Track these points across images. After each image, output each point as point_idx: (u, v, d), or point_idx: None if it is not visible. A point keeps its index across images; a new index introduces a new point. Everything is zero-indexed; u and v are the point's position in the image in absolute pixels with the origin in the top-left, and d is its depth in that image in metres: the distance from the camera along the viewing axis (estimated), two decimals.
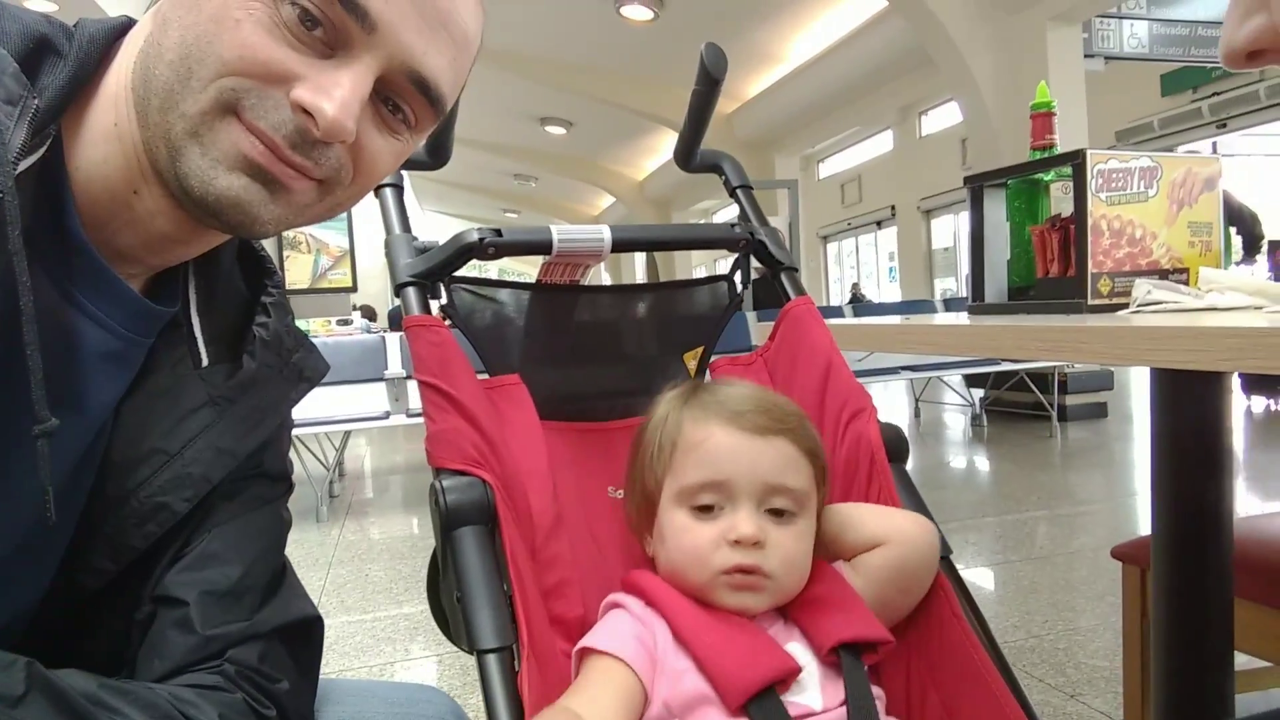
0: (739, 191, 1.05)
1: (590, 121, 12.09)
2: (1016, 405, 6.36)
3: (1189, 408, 1.00)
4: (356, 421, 4.30)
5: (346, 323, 6.99)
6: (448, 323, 0.84)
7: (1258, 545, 1.27)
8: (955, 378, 6.60)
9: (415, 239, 0.87)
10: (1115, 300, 1.14)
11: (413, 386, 4.50)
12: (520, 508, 0.76)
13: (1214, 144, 9.36)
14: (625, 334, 0.97)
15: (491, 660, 0.63)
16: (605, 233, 0.86)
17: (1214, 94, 8.87)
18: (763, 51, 9.14)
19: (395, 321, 7.76)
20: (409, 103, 0.59)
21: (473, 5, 0.60)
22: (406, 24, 0.55)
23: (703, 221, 15.43)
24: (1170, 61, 7.44)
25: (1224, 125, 8.94)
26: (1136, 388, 7.34)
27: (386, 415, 4.33)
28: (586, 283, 0.94)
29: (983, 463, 5.22)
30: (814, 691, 0.70)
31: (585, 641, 0.71)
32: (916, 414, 7.22)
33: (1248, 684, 1.52)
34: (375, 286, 11.50)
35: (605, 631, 0.72)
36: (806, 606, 0.75)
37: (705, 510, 0.74)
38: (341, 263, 7.94)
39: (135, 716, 0.51)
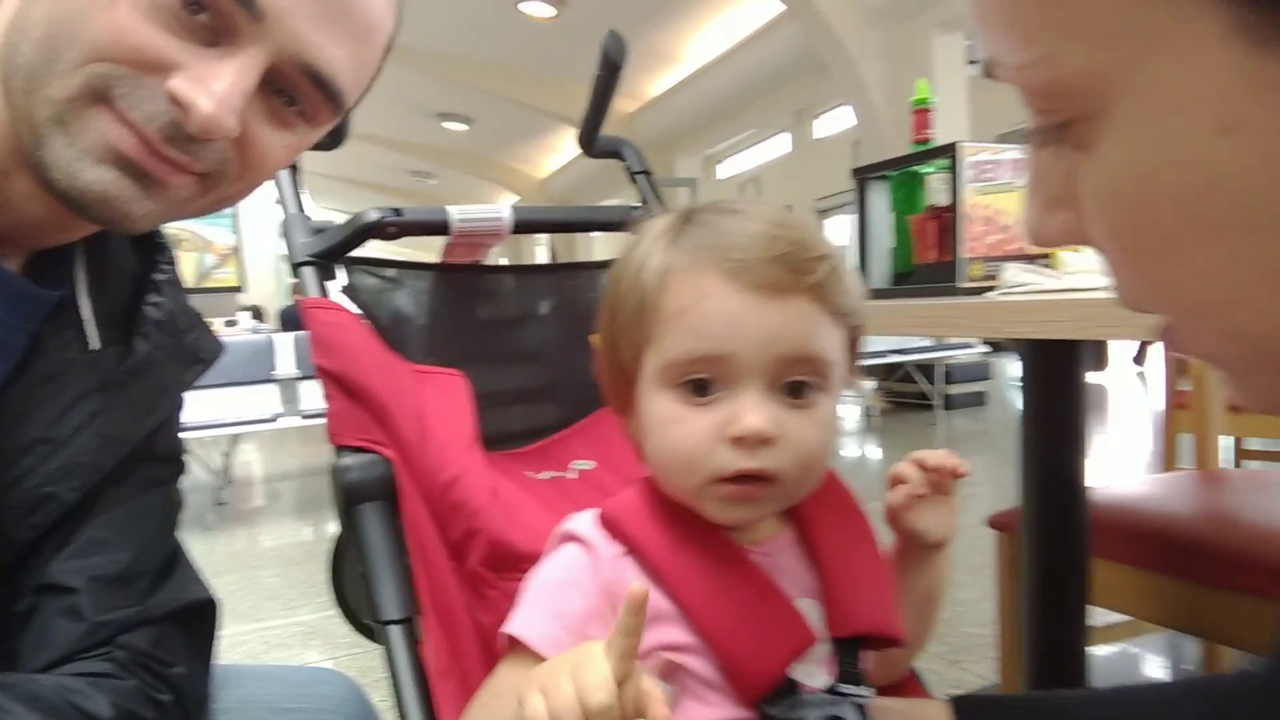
0: (639, 177, 1.08)
1: (490, 118, 11.96)
2: (905, 395, 6.66)
3: (1049, 379, 1.09)
4: (245, 425, 4.14)
5: (233, 324, 6.72)
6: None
7: (1113, 507, 1.38)
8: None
9: (310, 219, 0.87)
10: (986, 283, 1.23)
11: (305, 387, 4.37)
12: (427, 478, 0.76)
13: None
14: (529, 314, 0.98)
15: (395, 631, 0.64)
16: (505, 212, 0.88)
17: None
18: (662, 52, 9.25)
19: (288, 321, 7.50)
20: (303, 96, 0.56)
21: None
22: (299, 14, 0.52)
23: (625, 257, 15.45)
24: None
25: None
26: (1017, 385, 7.78)
27: (277, 417, 4.19)
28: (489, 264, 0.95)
29: (874, 451, 5.44)
30: (816, 667, 0.59)
31: (515, 628, 0.58)
32: None
33: (1105, 638, 1.66)
34: (264, 287, 11.06)
35: (544, 614, 0.58)
36: (841, 564, 0.62)
37: (699, 391, 0.57)
38: (228, 261, 7.64)
39: (17, 710, 0.49)
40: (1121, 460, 4.61)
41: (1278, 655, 0.61)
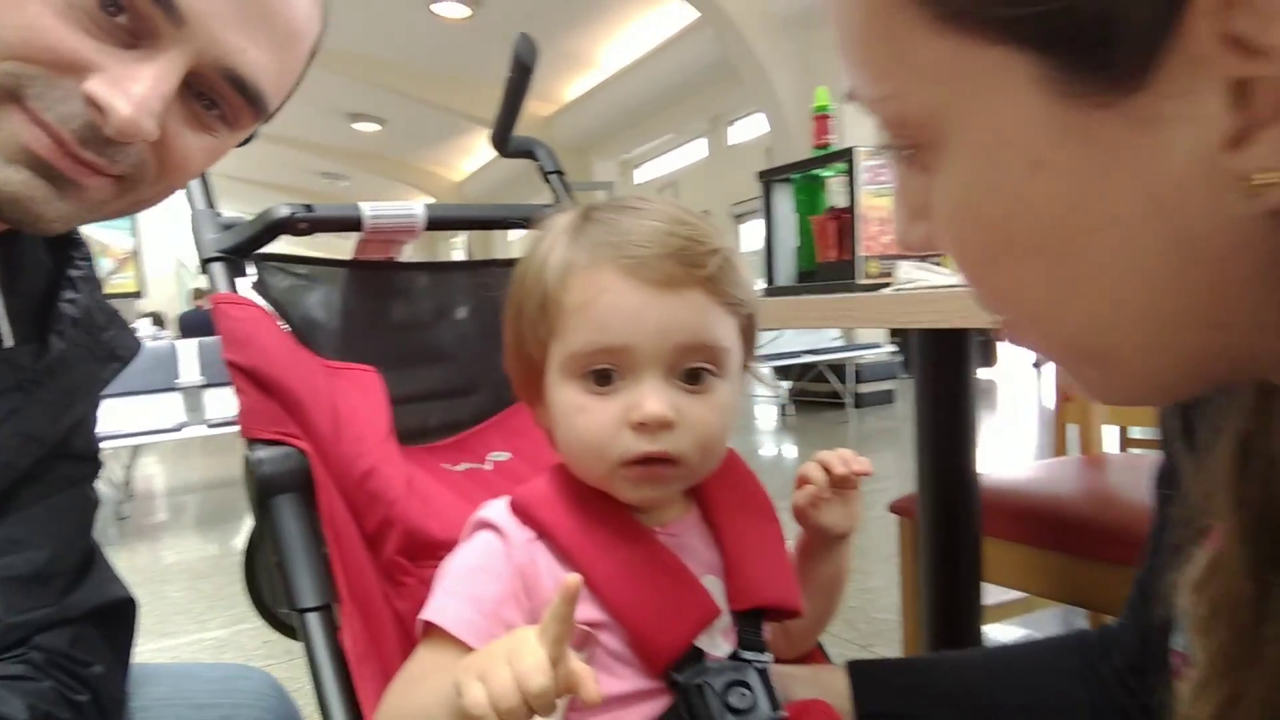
0: (552, 176, 1.10)
1: (403, 119, 11.75)
2: (818, 395, 6.84)
3: (940, 369, 1.16)
4: (147, 435, 3.98)
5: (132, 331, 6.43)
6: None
7: (1003, 490, 1.48)
8: (764, 370, 7.01)
9: (219, 215, 0.86)
10: (882, 280, 1.30)
11: (210, 395, 4.22)
12: (342, 470, 0.77)
13: None
14: (444, 311, 0.99)
15: (312, 619, 0.65)
16: (419, 209, 0.89)
17: None
18: (578, 56, 9.27)
19: (189, 327, 7.21)
20: (224, 100, 0.55)
21: (306, 1, 0.57)
22: (221, 18, 0.51)
23: (529, 256, 15.36)
24: None
25: None
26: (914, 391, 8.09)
27: (181, 427, 4.04)
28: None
29: (790, 449, 5.58)
30: (719, 638, 0.63)
31: (432, 614, 0.59)
32: None
33: (1000, 615, 1.76)
34: (164, 293, 10.61)
35: (460, 599, 0.60)
36: (740, 542, 0.66)
37: (602, 380, 0.60)
38: (126, 265, 7.31)
39: None
40: (1013, 448, 4.87)
41: (1131, 609, 0.68)
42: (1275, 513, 0.39)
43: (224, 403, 4.16)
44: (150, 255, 7.75)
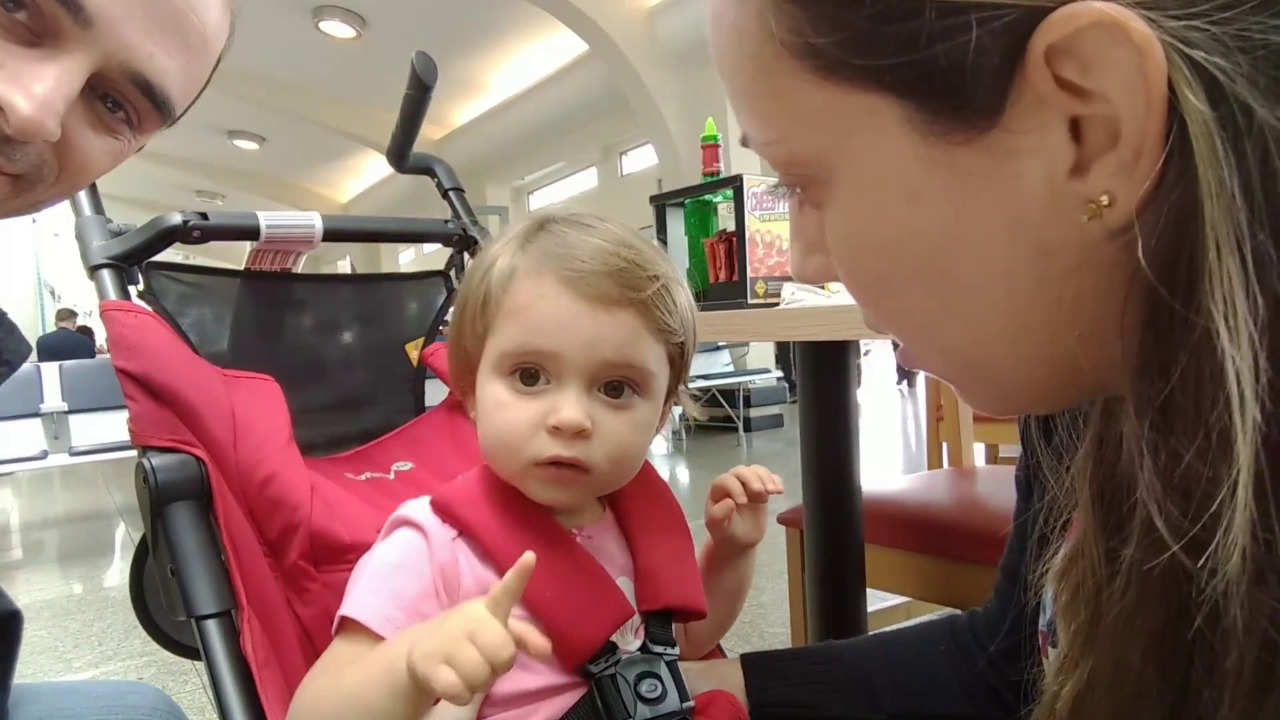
0: (451, 193, 1.11)
1: (286, 138, 11.40)
2: (710, 420, 6.98)
3: (825, 382, 1.23)
4: (6, 464, 3.70)
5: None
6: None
7: (883, 500, 1.57)
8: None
9: (110, 221, 0.84)
10: (769, 300, 1.37)
11: (76, 422, 3.96)
12: (242, 477, 0.76)
13: None
14: (341, 323, 0.99)
15: (211, 626, 0.64)
16: (316, 219, 0.89)
17: None
18: (468, 81, 9.24)
19: (48, 350, 6.73)
20: (130, 103, 0.55)
21: (216, 8, 0.57)
22: (130, 22, 0.51)
23: (413, 252, 15.12)
24: None
25: None
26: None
27: (45, 455, 3.77)
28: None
29: (684, 472, 5.66)
30: (630, 635, 0.67)
31: (351, 610, 0.60)
32: None
33: (883, 620, 1.85)
34: (21, 314, 9.88)
35: (380, 596, 0.60)
36: (650, 547, 0.70)
37: (528, 380, 0.63)
38: None
39: None
40: (882, 462, 5.11)
41: (998, 594, 0.74)
42: (1119, 501, 0.42)
43: (88, 430, 3.91)
44: (7, 275, 7.19)
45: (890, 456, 5.40)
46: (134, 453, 0.73)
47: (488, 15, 7.62)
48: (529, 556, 0.51)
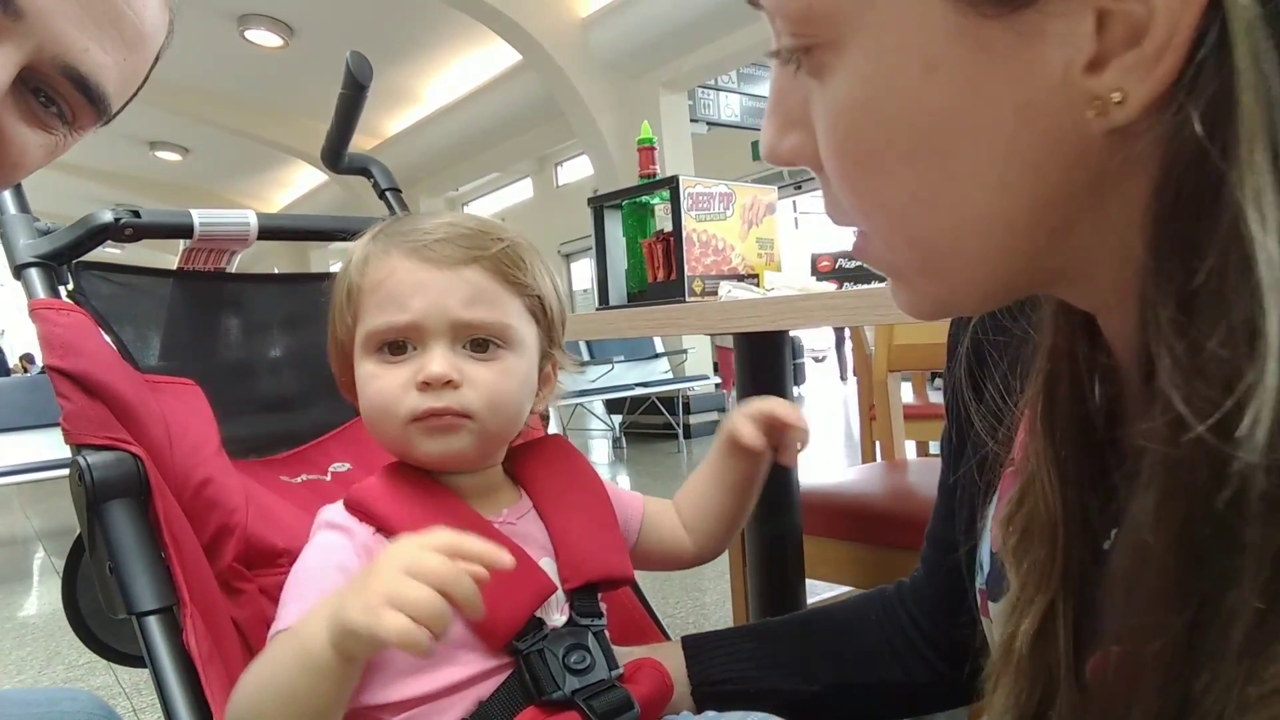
0: (389, 193, 1.12)
1: (210, 149, 11.08)
2: (650, 427, 7.01)
3: (761, 373, 1.27)
4: None
5: None
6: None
7: (819, 492, 1.61)
8: (598, 405, 7.10)
9: (37, 220, 0.82)
10: (708, 299, 1.40)
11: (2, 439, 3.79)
12: (178, 481, 0.75)
13: (794, 202, 11.20)
14: (277, 322, 0.99)
15: (152, 622, 0.64)
16: (251, 217, 0.89)
17: None
18: (400, 91, 9.13)
19: None
20: (64, 98, 0.53)
21: (155, 4, 0.56)
22: (63, 15, 0.50)
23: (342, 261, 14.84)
24: (757, 130, 8.79)
25: (799, 187, 10.73)
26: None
27: None
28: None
29: (624, 479, 5.67)
30: (555, 610, 0.68)
31: (286, 624, 0.59)
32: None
33: None
34: None
35: (308, 603, 0.59)
36: (567, 525, 0.71)
37: (397, 354, 0.66)
38: None
39: None
40: (822, 457, 5.21)
41: (924, 562, 0.78)
42: (1086, 433, 0.44)
43: (3, 451, 3.74)
44: None
45: (832, 454, 5.51)
46: (53, 474, 0.72)
47: (419, 25, 7.56)
48: (507, 557, 0.52)
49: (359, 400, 0.69)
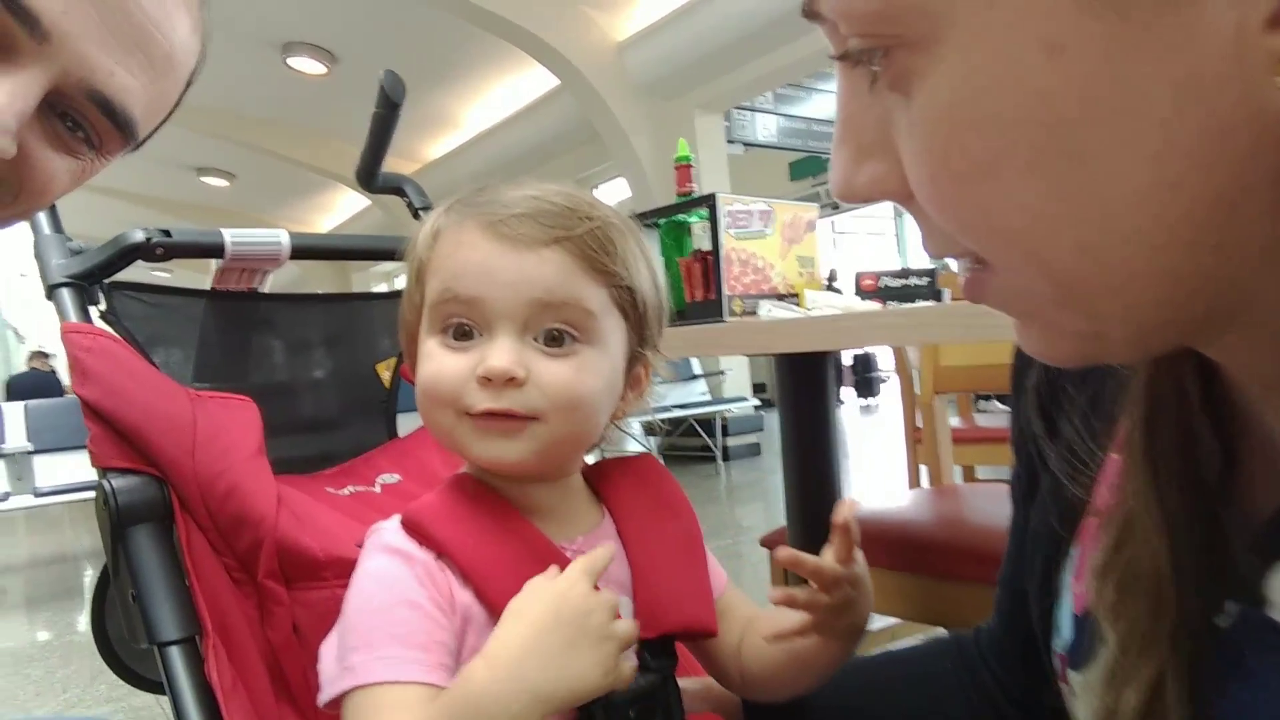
0: (422, 212, 1.10)
1: (256, 174, 11.35)
2: (688, 448, 6.95)
3: (803, 395, 1.23)
4: None
5: None
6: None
7: (867, 518, 1.55)
8: (634, 426, 7.07)
9: (70, 240, 0.82)
10: (746, 318, 1.36)
11: (41, 462, 3.87)
12: (203, 489, 0.73)
13: (832, 222, 11.13)
14: (311, 342, 0.97)
15: (174, 652, 0.62)
16: (283, 236, 0.88)
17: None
18: (441, 116, 9.27)
19: (19, 391, 6.60)
20: (90, 123, 0.53)
21: (185, 28, 0.55)
22: (89, 38, 0.49)
23: (385, 285, 15.06)
24: (794, 151, 8.77)
25: (836, 207, 10.66)
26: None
27: (6, 496, 3.67)
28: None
29: None
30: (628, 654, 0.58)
31: (364, 678, 0.51)
32: None
33: (870, 644, 1.83)
34: None
35: (387, 646, 0.52)
36: (651, 562, 0.62)
37: (461, 335, 0.59)
38: None
39: None
40: (868, 483, 5.11)
41: (1000, 612, 0.71)
42: (1195, 481, 0.38)
43: (54, 470, 3.81)
44: None
45: (866, 477, 5.41)
46: None
47: (459, 51, 7.67)
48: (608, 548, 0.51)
49: (417, 382, 0.61)
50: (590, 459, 0.70)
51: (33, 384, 6.79)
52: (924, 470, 2.24)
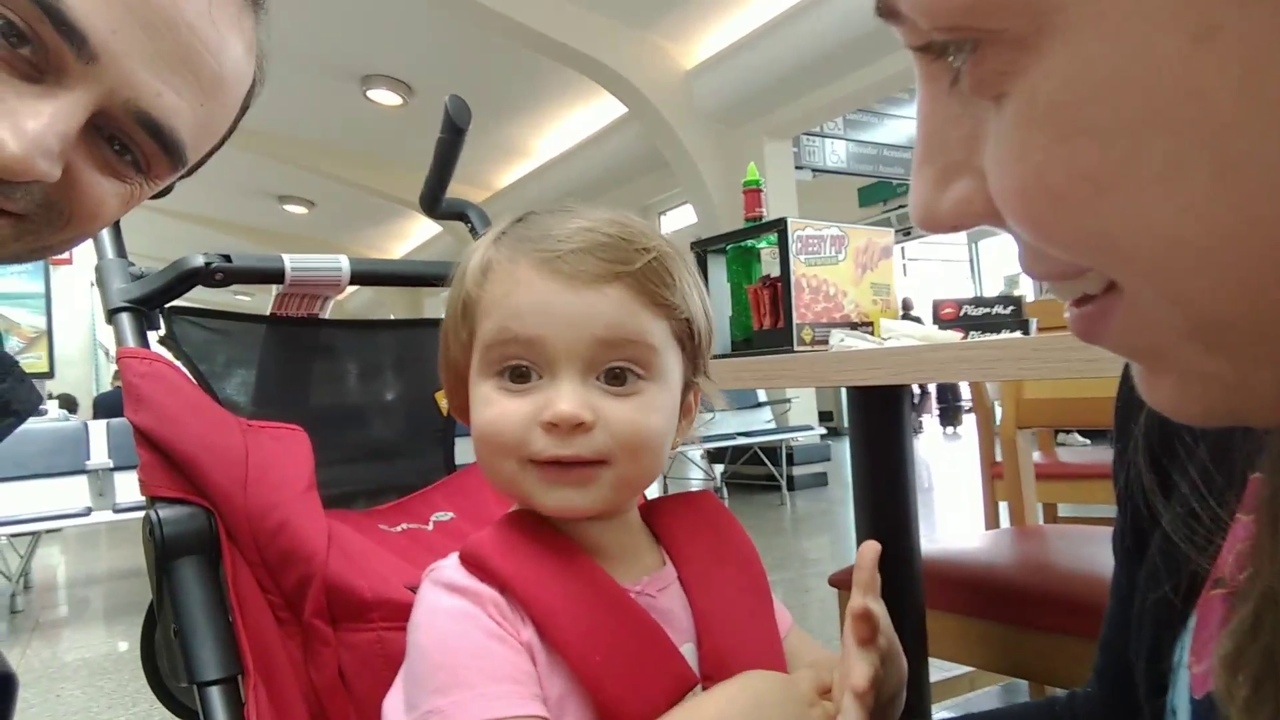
0: None
1: (334, 202, 11.72)
2: (752, 477, 6.84)
3: (877, 428, 1.16)
4: (50, 520, 3.72)
5: (41, 414, 6.11)
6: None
7: (942, 561, 1.47)
8: (696, 454, 7.00)
9: (132, 265, 0.82)
10: (817, 348, 1.30)
11: (122, 478, 4.00)
12: (254, 523, 0.71)
13: (902, 249, 10.92)
14: (370, 370, 0.96)
15: (214, 693, 0.59)
16: (344, 262, 0.86)
17: (900, 206, 10.40)
18: (512, 146, 9.43)
19: (105, 408, 6.89)
20: (138, 145, 0.52)
21: (237, 49, 0.54)
22: (136, 58, 0.48)
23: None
24: (864, 176, 8.65)
25: (907, 234, 10.46)
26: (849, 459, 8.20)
27: (89, 511, 3.80)
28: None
29: None
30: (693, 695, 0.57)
31: (472, 717, 0.49)
32: (665, 490, 7.52)
33: (944, 694, 1.73)
34: (76, 373, 10.17)
35: (474, 686, 0.50)
36: (716, 606, 0.60)
37: (518, 378, 0.56)
38: (36, 345, 6.98)
39: None
40: (944, 519, 4.92)
41: (1101, 678, 0.64)
42: None
43: (133, 486, 3.94)
44: (63, 335, 7.42)
45: (941, 514, 5.22)
46: None
47: (530, 82, 7.80)
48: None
49: (473, 428, 0.58)
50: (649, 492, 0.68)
51: (117, 401, 7.08)
52: (1003, 507, 2.13)
